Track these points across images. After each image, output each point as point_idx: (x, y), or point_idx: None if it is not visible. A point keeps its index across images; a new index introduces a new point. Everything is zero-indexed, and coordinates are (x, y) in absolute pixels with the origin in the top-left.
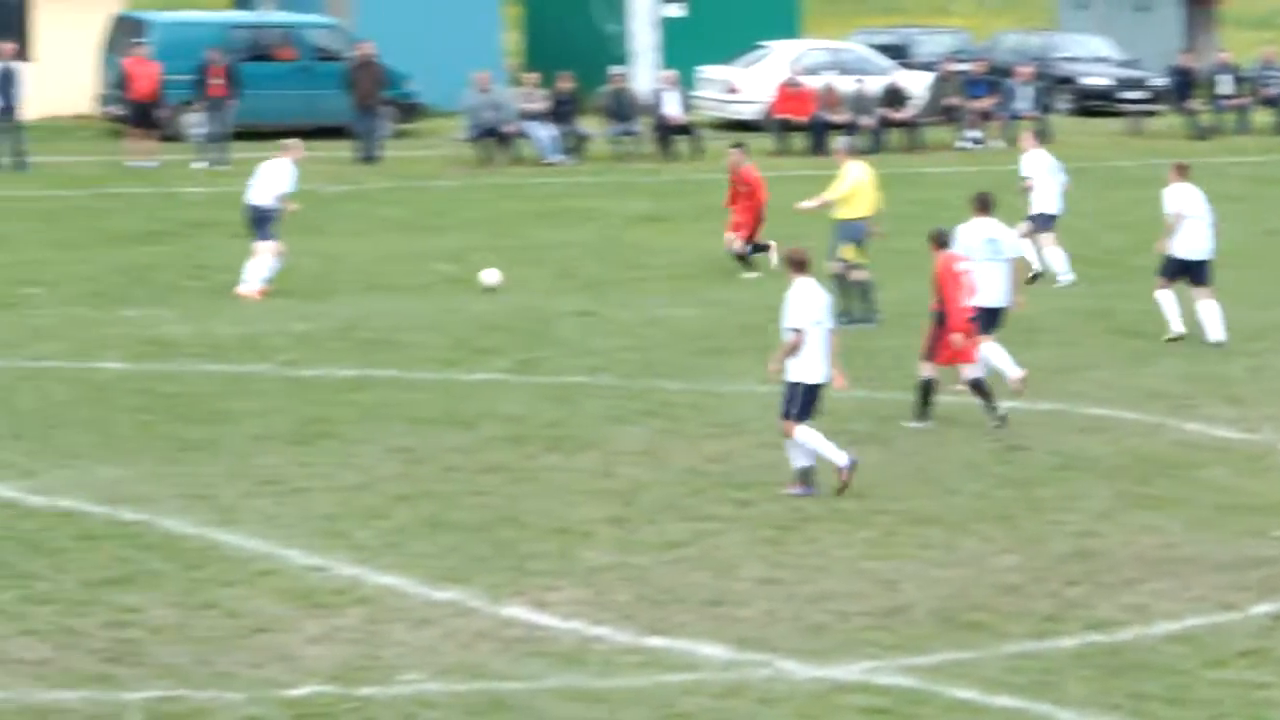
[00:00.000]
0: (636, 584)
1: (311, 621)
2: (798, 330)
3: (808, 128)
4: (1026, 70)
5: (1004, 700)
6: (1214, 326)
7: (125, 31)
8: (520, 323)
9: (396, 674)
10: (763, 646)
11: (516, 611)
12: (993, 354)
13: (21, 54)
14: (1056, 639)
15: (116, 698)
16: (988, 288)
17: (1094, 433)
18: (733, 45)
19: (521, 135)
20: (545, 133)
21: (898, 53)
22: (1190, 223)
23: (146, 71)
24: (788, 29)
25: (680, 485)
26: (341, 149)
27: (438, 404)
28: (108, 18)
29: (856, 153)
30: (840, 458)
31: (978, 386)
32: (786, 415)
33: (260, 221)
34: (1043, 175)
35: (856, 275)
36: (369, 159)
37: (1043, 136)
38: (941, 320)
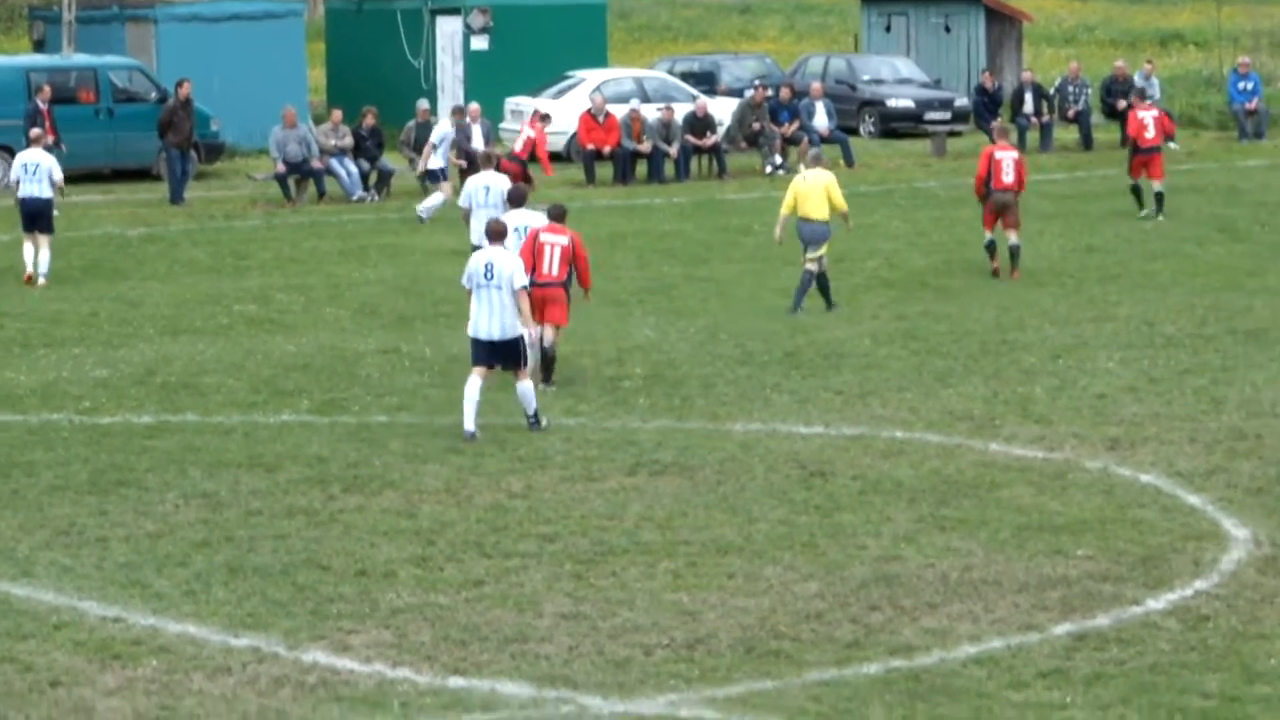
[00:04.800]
0: (438, 624)
1: (109, 674)
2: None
3: (613, 157)
4: (817, 87)
5: None
6: None
7: None
8: (323, 362)
9: None
10: (565, 683)
11: (316, 656)
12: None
13: None
14: (859, 665)
15: None
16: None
17: (896, 456)
18: (539, 77)
19: (327, 172)
20: (349, 169)
21: (704, 80)
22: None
23: None
24: (595, 59)
25: (483, 522)
26: (141, 191)
27: (239, 448)
28: None
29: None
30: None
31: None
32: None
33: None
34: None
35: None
36: (179, 201)
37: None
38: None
